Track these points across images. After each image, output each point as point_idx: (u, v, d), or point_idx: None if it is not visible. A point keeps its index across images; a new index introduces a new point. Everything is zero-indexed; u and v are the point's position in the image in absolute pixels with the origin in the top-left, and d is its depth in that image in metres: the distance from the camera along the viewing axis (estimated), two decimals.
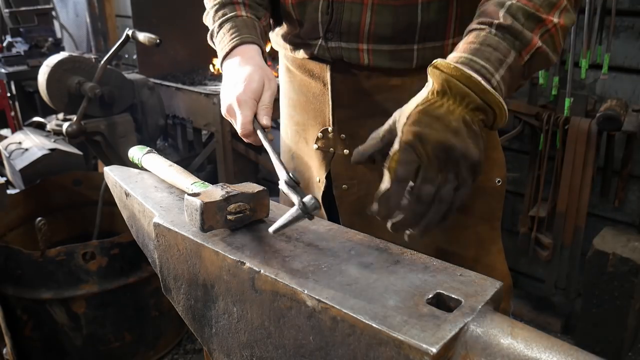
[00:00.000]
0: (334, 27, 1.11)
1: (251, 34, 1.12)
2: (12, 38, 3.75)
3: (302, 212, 0.84)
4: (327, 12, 1.10)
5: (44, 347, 2.29)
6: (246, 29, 1.13)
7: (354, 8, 1.08)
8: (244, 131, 1.04)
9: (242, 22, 1.14)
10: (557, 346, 0.64)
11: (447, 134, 0.79)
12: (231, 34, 1.12)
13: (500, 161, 1.21)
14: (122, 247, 2.19)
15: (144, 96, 2.84)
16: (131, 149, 1.22)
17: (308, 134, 1.28)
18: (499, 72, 0.84)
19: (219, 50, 1.15)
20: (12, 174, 2.66)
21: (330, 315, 0.71)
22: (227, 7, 1.17)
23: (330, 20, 1.11)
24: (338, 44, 1.12)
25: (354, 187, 1.23)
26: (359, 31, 1.09)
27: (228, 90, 1.07)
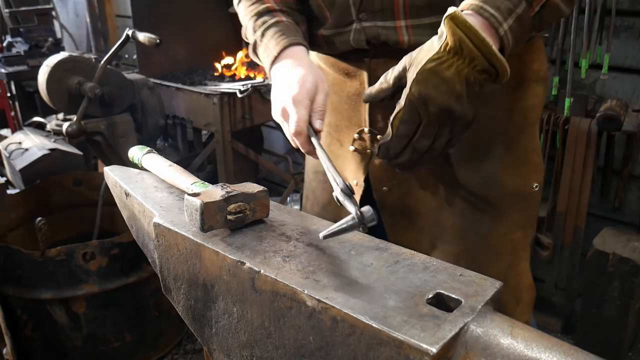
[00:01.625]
0: (367, 5, 1.06)
1: (296, 36, 1.10)
2: (12, 38, 3.76)
3: (358, 222, 0.81)
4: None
5: (44, 347, 2.29)
6: (291, 32, 1.10)
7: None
8: (298, 129, 0.99)
9: (285, 26, 1.11)
10: (557, 346, 0.64)
11: (451, 98, 0.85)
12: (277, 37, 1.09)
13: (539, 165, 1.18)
14: (122, 247, 2.19)
15: (144, 96, 2.84)
16: (131, 149, 1.22)
17: (342, 135, 1.25)
18: (507, 21, 0.86)
19: (266, 56, 1.11)
20: (12, 174, 2.66)
21: (330, 315, 0.71)
22: (265, 15, 1.15)
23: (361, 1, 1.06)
24: (373, 23, 1.08)
25: (395, 188, 1.20)
26: (393, 6, 1.04)
27: (281, 91, 1.04)
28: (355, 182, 1.24)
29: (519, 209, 1.17)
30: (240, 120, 2.72)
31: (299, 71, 1.03)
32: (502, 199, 1.15)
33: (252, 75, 3.12)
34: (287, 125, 1.02)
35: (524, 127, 1.15)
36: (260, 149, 3.66)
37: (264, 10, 1.15)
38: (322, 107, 1.02)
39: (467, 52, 0.83)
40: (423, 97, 0.85)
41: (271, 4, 1.15)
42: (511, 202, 1.15)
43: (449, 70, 0.85)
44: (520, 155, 1.15)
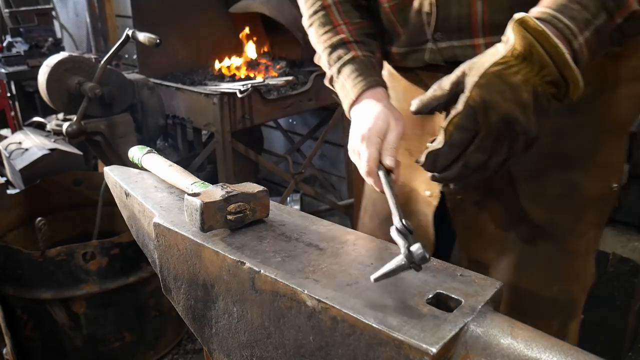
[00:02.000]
0: (442, 25, 1.01)
1: (373, 75, 1.07)
2: (12, 38, 3.75)
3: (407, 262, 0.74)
4: (430, 10, 1.01)
5: (44, 347, 2.29)
6: (367, 71, 1.07)
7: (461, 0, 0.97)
8: (367, 169, 0.98)
9: (361, 63, 1.08)
10: (557, 346, 0.64)
11: (516, 107, 0.77)
12: (353, 78, 1.07)
13: (621, 165, 1.14)
14: (122, 247, 2.19)
15: (144, 96, 2.83)
16: (131, 149, 1.22)
17: (411, 144, 1.19)
18: (583, 34, 0.78)
19: (343, 96, 1.10)
20: (12, 174, 2.66)
21: (330, 315, 0.71)
22: (340, 48, 1.11)
23: (436, 19, 1.01)
24: (449, 44, 1.02)
25: (469, 197, 1.15)
26: (471, 24, 0.97)
27: (355, 131, 1.03)
28: (429, 193, 1.18)
29: (596, 209, 1.13)
30: (240, 120, 2.72)
31: (373, 111, 1.02)
32: (583, 204, 1.10)
33: (252, 75, 3.12)
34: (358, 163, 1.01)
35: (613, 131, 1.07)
36: (260, 149, 3.65)
37: (339, 42, 1.11)
38: (393, 144, 0.98)
39: (537, 58, 0.76)
40: (485, 101, 0.77)
41: (346, 35, 1.11)
42: (590, 205, 1.11)
43: (515, 76, 0.77)
44: (605, 159, 1.09)
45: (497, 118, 0.77)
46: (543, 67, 0.76)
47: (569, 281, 1.17)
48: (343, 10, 1.13)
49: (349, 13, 1.13)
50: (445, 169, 0.84)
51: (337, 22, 1.13)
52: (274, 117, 3.19)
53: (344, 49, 1.11)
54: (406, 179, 1.22)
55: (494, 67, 0.78)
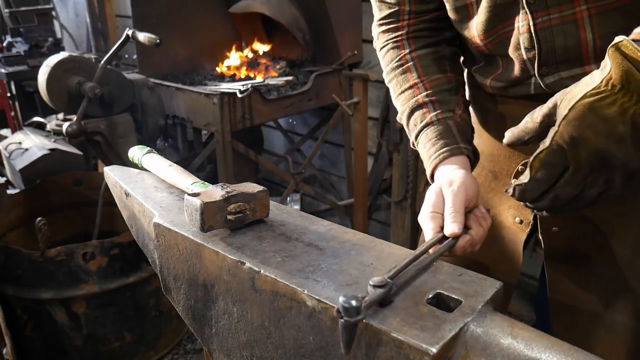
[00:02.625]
0: (547, 59, 0.92)
1: (448, 143, 0.99)
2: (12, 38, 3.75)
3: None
4: (531, 45, 0.92)
5: (44, 347, 2.29)
6: (441, 138, 1.00)
7: (566, 29, 0.89)
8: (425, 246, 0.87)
9: (437, 131, 1.01)
10: (557, 346, 0.64)
11: (609, 142, 0.71)
12: (429, 148, 1.01)
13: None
14: (122, 247, 2.19)
15: (144, 96, 2.84)
16: (131, 149, 1.22)
17: (499, 166, 1.10)
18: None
19: (426, 163, 1.03)
20: (12, 174, 2.66)
21: (330, 315, 0.71)
22: (416, 112, 1.05)
23: (539, 54, 0.92)
24: (558, 76, 0.93)
25: (567, 230, 1.03)
26: (581, 54, 0.89)
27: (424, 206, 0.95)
28: (519, 219, 1.08)
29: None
30: (240, 120, 2.72)
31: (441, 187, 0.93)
32: None
33: (252, 75, 3.12)
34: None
35: None
36: (260, 149, 3.66)
37: (415, 106, 1.05)
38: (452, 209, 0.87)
39: (635, 86, 0.69)
40: (573, 137, 0.72)
41: (421, 97, 1.05)
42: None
43: (610, 108, 0.71)
44: None
45: (587, 153, 0.73)
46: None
47: None
48: (421, 65, 1.07)
49: (427, 69, 1.07)
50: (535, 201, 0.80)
51: (415, 82, 1.06)
52: (274, 117, 3.20)
53: (420, 113, 1.05)
54: (489, 203, 1.13)
55: (586, 99, 0.72)
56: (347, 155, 3.30)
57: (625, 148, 0.72)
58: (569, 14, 0.88)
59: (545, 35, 0.90)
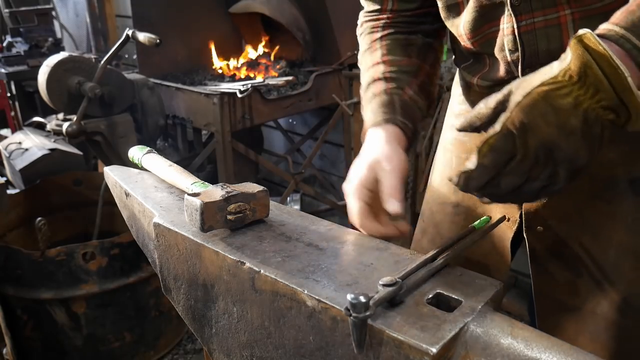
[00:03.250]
0: (530, 61, 0.92)
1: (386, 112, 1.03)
2: (12, 38, 3.76)
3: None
4: (515, 47, 0.92)
5: (44, 347, 2.29)
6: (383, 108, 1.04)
7: (549, 33, 0.89)
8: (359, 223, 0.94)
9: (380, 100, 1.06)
10: (557, 346, 0.64)
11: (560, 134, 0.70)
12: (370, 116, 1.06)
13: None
14: (122, 247, 2.19)
15: (144, 96, 2.84)
16: (131, 149, 1.22)
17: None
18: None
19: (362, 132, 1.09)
20: (12, 174, 2.66)
21: (330, 315, 0.71)
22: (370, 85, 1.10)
23: (523, 56, 0.92)
24: None
25: (553, 229, 1.02)
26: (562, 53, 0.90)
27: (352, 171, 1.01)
28: (507, 218, 1.05)
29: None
30: (240, 120, 2.72)
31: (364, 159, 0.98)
32: None
33: (252, 75, 3.12)
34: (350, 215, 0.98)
35: None
36: (260, 149, 3.66)
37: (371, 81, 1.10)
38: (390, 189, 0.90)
39: (592, 80, 0.68)
40: (524, 124, 0.70)
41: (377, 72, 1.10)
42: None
43: (564, 99, 0.69)
44: None
45: (536, 143, 0.71)
46: (599, 90, 0.69)
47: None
48: (387, 48, 1.11)
49: (391, 51, 1.11)
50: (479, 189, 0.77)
51: (377, 61, 1.11)
52: (274, 117, 3.20)
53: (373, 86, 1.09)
54: (473, 202, 1.12)
55: (542, 87, 0.70)
56: (347, 155, 3.30)
57: (574, 142, 0.71)
58: (553, 17, 0.88)
59: (528, 38, 0.91)
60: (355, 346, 0.66)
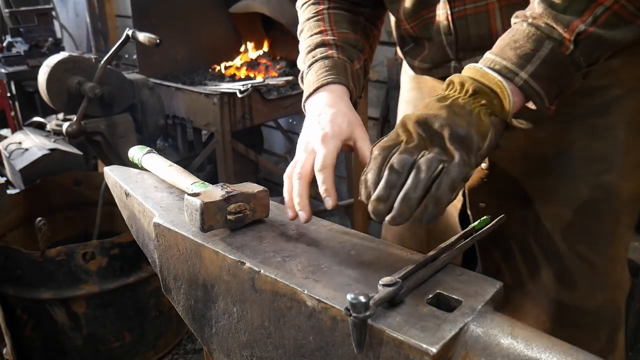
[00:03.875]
0: (464, 45, 1.01)
1: (339, 75, 1.03)
2: (12, 38, 3.75)
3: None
4: (449, 31, 1.01)
5: (44, 347, 2.29)
6: (335, 69, 1.03)
7: (479, 19, 0.97)
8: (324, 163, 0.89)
9: (332, 62, 1.05)
10: (557, 346, 0.64)
11: (430, 110, 0.77)
12: (319, 74, 1.04)
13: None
14: (122, 247, 2.19)
15: (144, 96, 2.84)
16: (131, 149, 1.22)
17: None
18: (525, 69, 0.78)
19: (305, 90, 1.06)
20: (12, 174, 2.66)
21: (330, 315, 0.71)
22: (318, 48, 1.09)
23: (457, 40, 1.01)
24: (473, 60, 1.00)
25: (493, 206, 1.09)
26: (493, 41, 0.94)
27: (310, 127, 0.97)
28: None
29: (630, 211, 1.10)
30: (240, 120, 2.72)
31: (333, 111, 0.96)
32: (619, 207, 1.08)
33: (252, 75, 3.12)
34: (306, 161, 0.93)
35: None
36: (260, 149, 3.65)
37: (320, 43, 1.09)
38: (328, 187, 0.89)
39: (458, 79, 0.80)
40: (402, 119, 0.78)
41: (327, 37, 1.10)
42: (626, 207, 1.09)
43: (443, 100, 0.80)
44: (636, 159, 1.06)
45: (413, 121, 0.77)
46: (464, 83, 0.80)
47: (613, 289, 1.12)
48: (335, 19, 1.13)
49: (339, 23, 1.13)
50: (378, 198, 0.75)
51: (324, 28, 1.12)
52: (274, 117, 3.20)
53: (322, 49, 1.08)
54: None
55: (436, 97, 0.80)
56: (347, 155, 3.30)
57: (446, 113, 0.76)
58: (482, 4, 0.96)
59: (461, 23, 0.98)
60: (355, 346, 0.66)
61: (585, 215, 1.06)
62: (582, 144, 1.02)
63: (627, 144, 1.04)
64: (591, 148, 1.03)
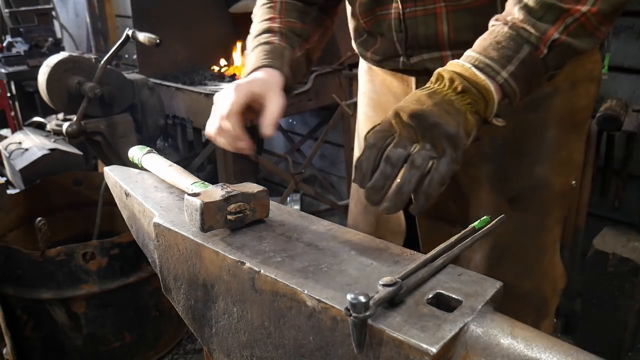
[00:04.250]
0: (412, 43, 1.08)
1: (275, 59, 1.12)
2: (12, 38, 3.76)
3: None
4: (400, 29, 1.08)
5: (44, 347, 2.29)
6: (272, 54, 1.12)
7: (427, 20, 1.05)
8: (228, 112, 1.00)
9: (271, 47, 1.14)
10: (557, 346, 0.64)
11: (423, 106, 0.81)
12: (259, 57, 1.13)
13: (579, 163, 1.22)
14: (122, 247, 2.19)
15: (144, 96, 2.84)
16: (131, 149, 1.22)
17: None
18: (506, 68, 0.84)
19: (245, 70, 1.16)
20: (12, 174, 2.66)
21: (330, 315, 0.71)
22: (264, 34, 1.18)
23: (406, 37, 1.08)
24: (421, 57, 1.09)
25: None
26: (438, 42, 1.06)
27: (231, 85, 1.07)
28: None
29: (560, 205, 1.19)
30: None
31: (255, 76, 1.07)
32: (549, 199, 1.17)
33: None
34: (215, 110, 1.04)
35: (573, 128, 1.15)
36: (260, 149, 3.65)
37: (267, 29, 1.18)
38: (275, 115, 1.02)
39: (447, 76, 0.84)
40: (397, 109, 0.83)
41: (274, 24, 1.19)
42: (556, 201, 1.17)
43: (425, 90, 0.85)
44: (566, 155, 1.16)
45: (407, 114, 0.81)
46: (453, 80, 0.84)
47: (540, 277, 1.22)
48: (285, 8, 1.21)
49: (289, 12, 1.21)
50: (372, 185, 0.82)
51: (273, 16, 1.20)
52: None
53: (266, 35, 1.17)
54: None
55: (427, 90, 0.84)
56: (347, 155, 3.30)
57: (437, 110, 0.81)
58: (430, 8, 1.03)
59: (411, 23, 1.06)
60: (355, 346, 0.66)
61: (517, 204, 1.14)
62: (514, 136, 1.08)
63: (557, 139, 1.13)
64: (522, 141, 1.11)
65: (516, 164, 1.13)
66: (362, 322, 0.64)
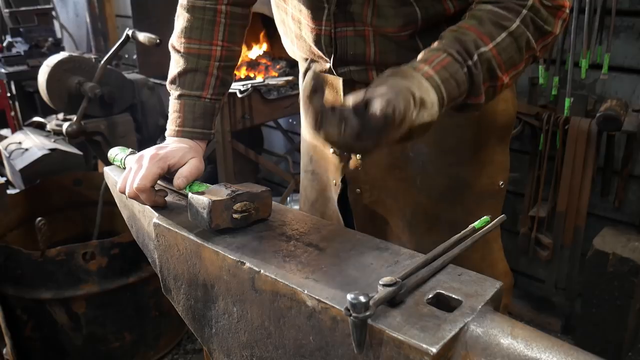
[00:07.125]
0: (341, 60, 1.13)
1: (205, 127, 1.17)
2: (12, 38, 3.76)
3: None
4: (330, 45, 1.12)
5: (44, 347, 2.29)
6: (202, 120, 1.17)
7: (357, 42, 1.09)
8: (141, 185, 0.99)
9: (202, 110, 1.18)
10: (557, 346, 0.64)
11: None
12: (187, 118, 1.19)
13: (505, 164, 1.26)
14: (122, 247, 2.19)
15: (144, 96, 2.84)
16: (111, 149, 1.23)
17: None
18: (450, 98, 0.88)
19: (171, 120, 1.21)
20: (12, 174, 2.66)
21: (330, 315, 0.71)
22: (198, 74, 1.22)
23: (335, 54, 1.12)
24: (347, 69, 1.14)
25: (367, 192, 1.24)
26: (365, 60, 1.11)
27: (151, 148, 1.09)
28: (334, 182, 1.28)
29: (487, 206, 1.22)
30: (240, 120, 2.72)
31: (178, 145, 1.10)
32: (472, 198, 1.22)
33: (252, 75, 3.12)
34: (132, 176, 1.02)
35: (492, 131, 1.20)
36: (260, 149, 3.65)
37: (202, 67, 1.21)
38: (188, 174, 1.02)
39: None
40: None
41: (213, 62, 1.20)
42: (480, 201, 1.22)
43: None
44: (487, 157, 1.21)
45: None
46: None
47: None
48: (230, 31, 1.20)
49: (233, 36, 1.20)
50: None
51: (216, 41, 1.20)
52: (274, 117, 3.19)
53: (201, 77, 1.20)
54: (322, 169, 1.33)
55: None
56: None
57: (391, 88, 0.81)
58: (360, 30, 1.08)
59: (341, 42, 1.10)
60: (355, 346, 0.66)
61: (441, 203, 1.20)
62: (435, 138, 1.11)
63: (475, 142, 1.18)
64: (442, 142, 1.16)
65: (439, 164, 1.18)
66: (362, 322, 0.64)
